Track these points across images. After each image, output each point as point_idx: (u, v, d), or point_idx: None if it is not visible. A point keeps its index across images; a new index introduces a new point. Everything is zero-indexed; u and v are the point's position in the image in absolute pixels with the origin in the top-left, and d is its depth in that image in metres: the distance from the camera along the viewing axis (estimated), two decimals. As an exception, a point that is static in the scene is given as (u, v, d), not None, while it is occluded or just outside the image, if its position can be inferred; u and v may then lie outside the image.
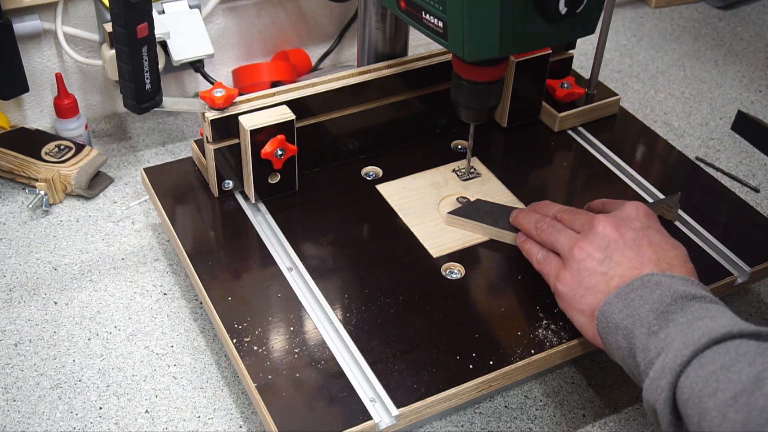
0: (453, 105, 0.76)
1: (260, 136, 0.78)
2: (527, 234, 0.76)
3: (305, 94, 0.82)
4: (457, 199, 0.85)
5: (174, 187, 0.85)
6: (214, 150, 0.80)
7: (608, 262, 0.66)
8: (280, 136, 0.79)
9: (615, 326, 0.62)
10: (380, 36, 0.87)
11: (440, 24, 0.65)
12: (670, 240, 0.69)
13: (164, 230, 0.90)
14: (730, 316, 0.59)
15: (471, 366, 0.68)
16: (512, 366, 0.68)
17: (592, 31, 0.68)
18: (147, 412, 0.73)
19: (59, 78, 0.95)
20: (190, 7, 0.96)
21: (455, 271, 0.77)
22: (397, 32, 0.87)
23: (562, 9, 0.62)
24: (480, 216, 0.81)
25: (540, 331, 0.71)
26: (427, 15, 0.66)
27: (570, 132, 0.96)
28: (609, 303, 0.64)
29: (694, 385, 0.54)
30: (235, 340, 0.69)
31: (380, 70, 0.85)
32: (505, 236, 0.80)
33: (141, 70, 0.71)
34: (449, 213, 0.82)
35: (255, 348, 0.69)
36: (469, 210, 0.82)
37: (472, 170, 0.88)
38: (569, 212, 0.73)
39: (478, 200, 0.84)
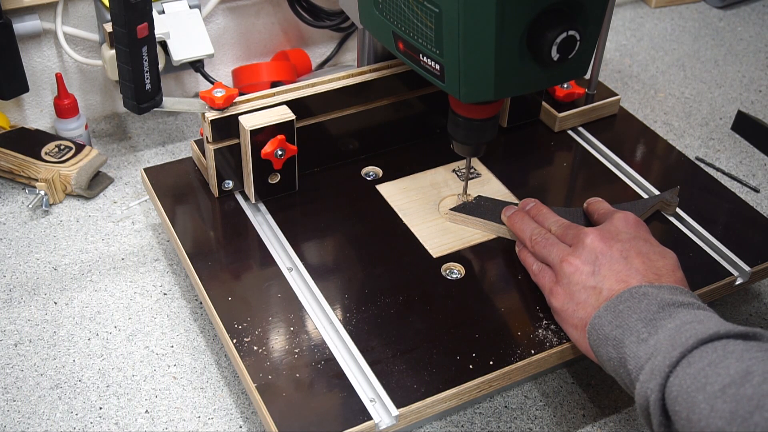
0: (449, 138, 0.77)
1: (260, 136, 0.78)
2: (522, 243, 0.76)
3: (305, 94, 0.82)
4: (458, 196, 0.85)
5: (174, 187, 0.85)
6: (214, 150, 0.80)
7: (597, 275, 0.67)
8: (280, 136, 0.79)
9: (605, 338, 0.63)
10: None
11: (437, 67, 0.67)
12: (659, 249, 0.69)
13: (164, 230, 0.90)
14: (718, 319, 0.59)
15: (471, 366, 0.68)
16: (512, 366, 0.68)
17: (584, 74, 0.70)
18: (147, 412, 0.73)
19: (59, 78, 0.95)
20: (190, 7, 0.96)
21: (455, 271, 0.77)
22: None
23: (555, 56, 0.64)
24: (481, 212, 0.81)
25: (540, 331, 0.71)
26: (425, 58, 0.68)
27: (570, 132, 0.96)
28: (599, 316, 0.64)
29: (683, 383, 0.54)
30: (235, 340, 0.69)
31: (380, 70, 0.85)
32: (507, 232, 0.80)
33: (141, 70, 0.71)
34: (451, 210, 0.82)
35: (255, 348, 0.69)
36: (471, 206, 0.82)
37: (472, 170, 0.88)
38: (562, 227, 0.74)
39: (479, 196, 0.84)
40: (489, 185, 0.87)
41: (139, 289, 0.83)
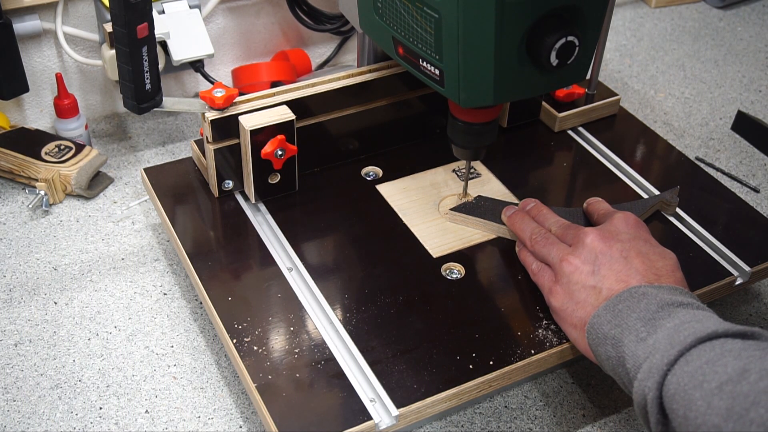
0: (449, 141, 0.77)
1: (260, 136, 0.78)
2: (522, 243, 0.76)
3: (305, 94, 0.82)
4: (458, 196, 0.85)
5: (174, 187, 0.85)
6: (214, 150, 0.80)
7: (596, 275, 0.67)
8: (280, 136, 0.79)
9: (604, 337, 0.63)
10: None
11: (437, 72, 0.67)
12: (659, 250, 0.69)
13: (164, 230, 0.90)
14: (716, 319, 0.60)
15: (471, 366, 0.68)
16: (512, 366, 0.68)
17: (583, 79, 0.70)
18: (147, 412, 0.73)
19: (59, 78, 0.95)
20: (190, 7, 0.96)
21: (455, 271, 0.77)
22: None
23: (554, 61, 0.64)
24: (481, 212, 0.81)
25: (540, 331, 0.71)
26: (425, 63, 0.68)
27: (570, 132, 0.96)
28: (598, 316, 0.64)
29: (680, 381, 0.54)
30: (235, 340, 0.69)
31: (380, 70, 0.85)
32: (507, 232, 0.80)
33: (141, 70, 0.71)
34: (451, 209, 0.82)
35: (255, 348, 0.69)
36: (471, 206, 0.82)
37: (472, 170, 0.88)
38: (562, 227, 0.74)
39: (479, 196, 0.84)
40: (489, 185, 0.87)
41: (139, 289, 0.83)
